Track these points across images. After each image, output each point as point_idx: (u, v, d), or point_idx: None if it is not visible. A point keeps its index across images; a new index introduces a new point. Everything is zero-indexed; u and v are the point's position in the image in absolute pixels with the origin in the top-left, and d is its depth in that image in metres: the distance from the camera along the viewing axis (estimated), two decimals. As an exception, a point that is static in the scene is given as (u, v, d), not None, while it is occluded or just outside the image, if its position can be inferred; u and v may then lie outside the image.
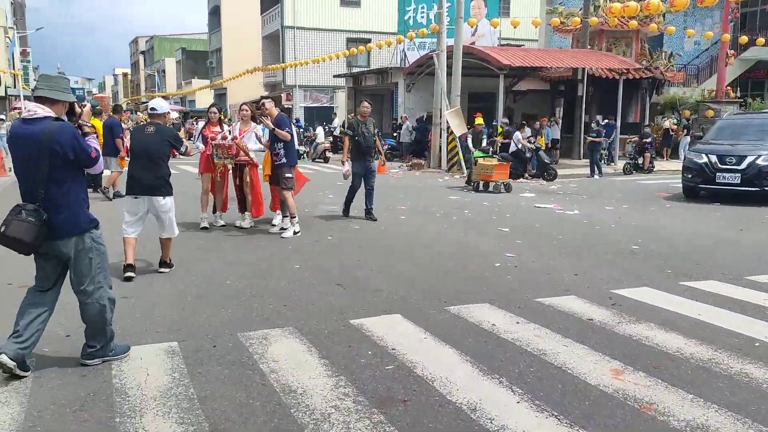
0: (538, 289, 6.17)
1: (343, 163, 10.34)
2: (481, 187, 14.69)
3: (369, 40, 29.60)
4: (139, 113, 43.62)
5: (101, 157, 4.08)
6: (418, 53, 27.39)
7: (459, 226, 9.80)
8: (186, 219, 9.73)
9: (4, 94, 36.91)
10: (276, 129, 8.24)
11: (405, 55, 28.42)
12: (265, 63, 40.15)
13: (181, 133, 8.54)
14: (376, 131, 10.02)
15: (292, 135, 8.39)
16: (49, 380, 3.93)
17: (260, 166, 9.27)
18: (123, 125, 14.47)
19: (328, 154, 24.57)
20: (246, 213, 9.25)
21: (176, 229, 6.70)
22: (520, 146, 17.01)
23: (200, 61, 59.69)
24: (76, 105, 4.20)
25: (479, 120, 15.58)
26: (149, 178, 6.34)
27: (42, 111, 3.82)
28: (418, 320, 5.13)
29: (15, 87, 39.96)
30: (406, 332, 4.86)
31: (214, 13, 52.00)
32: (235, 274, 6.53)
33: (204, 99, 51.47)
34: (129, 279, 6.23)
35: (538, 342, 4.66)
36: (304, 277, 6.46)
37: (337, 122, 30.68)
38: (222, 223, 9.34)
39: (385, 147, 24.47)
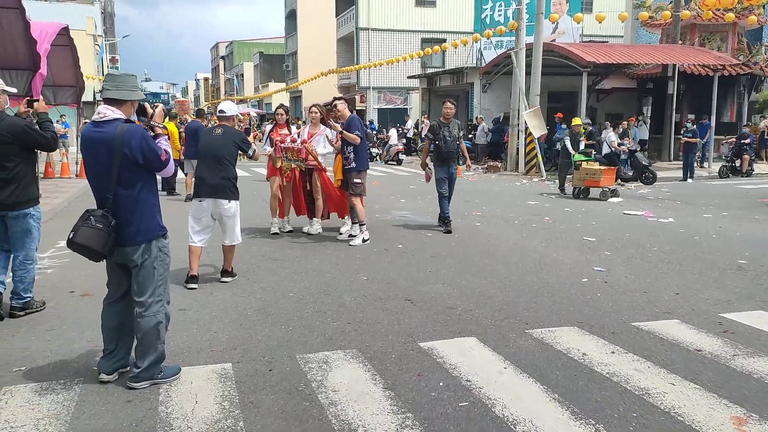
0: (634, 310, 5.46)
1: (423, 167, 9.70)
2: (578, 193, 13.60)
3: (444, 40, 28.98)
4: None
5: (171, 160, 3.86)
6: (495, 52, 26.58)
7: (539, 234, 9.10)
8: (255, 224, 9.52)
9: (92, 100, 38.40)
10: (344, 132, 7.84)
11: (481, 54, 27.64)
12: (339, 65, 40.21)
13: (250, 138, 8.27)
14: (460, 134, 9.17)
15: (362, 138, 7.95)
16: (92, 405, 3.61)
17: (330, 171, 8.90)
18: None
19: (401, 156, 24.14)
20: (314, 219, 8.90)
21: (239, 236, 6.40)
22: (613, 148, 15.68)
23: (277, 64, 60.65)
24: (147, 105, 3.99)
25: (577, 120, 14.27)
26: (215, 179, 6.09)
27: (111, 113, 3.66)
28: (496, 345, 4.56)
29: (99, 94, 41.67)
30: (482, 360, 4.30)
31: (291, 17, 52.67)
32: (298, 286, 6.14)
33: (280, 102, 52.20)
34: (191, 288, 5.96)
35: (638, 378, 3.99)
36: (371, 291, 5.99)
37: (410, 124, 30.22)
38: (290, 228, 9.03)
39: (460, 149, 23.88)
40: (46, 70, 12.34)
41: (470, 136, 24.71)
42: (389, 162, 24.27)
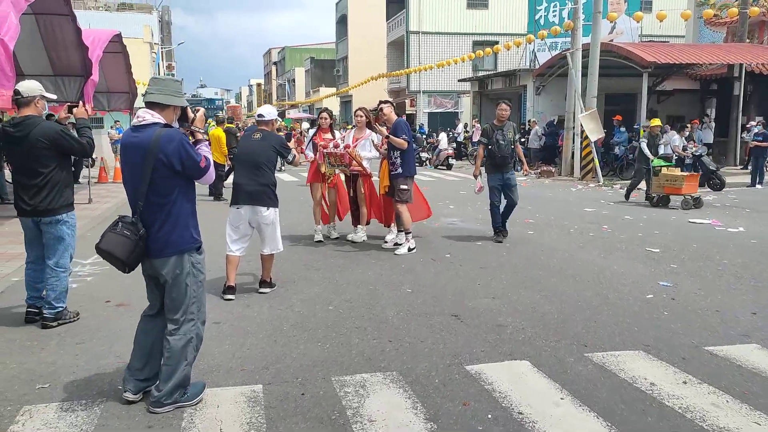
0: (707, 332, 4.92)
1: (475, 177, 8.96)
2: (657, 202, 12.70)
3: (496, 43, 28.35)
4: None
5: (212, 167, 3.63)
6: (550, 54, 25.83)
7: (597, 244, 8.54)
8: (300, 231, 9.28)
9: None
10: (390, 136, 7.50)
11: (535, 56, 26.93)
12: (389, 69, 39.98)
13: (291, 143, 8.04)
14: (516, 137, 8.52)
15: (409, 143, 7.60)
16: (112, 430, 3.37)
17: (377, 177, 8.58)
18: None
19: (451, 161, 23.67)
20: (359, 226, 8.59)
21: (280, 245, 6.13)
22: (677, 153, 14.79)
23: (328, 69, 60.86)
24: (189, 110, 3.76)
25: (656, 121, 13.13)
26: (252, 185, 5.85)
27: (150, 117, 3.48)
28: (551, 371, 4.12)
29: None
30: (536, 388, 3.87)
31: (342, 22, 52.80)
32: (339, 299, 5.83)
33: (330, 106, 52.32)
34: (228, 299, 5.72)
35: (717, 415, 3.50)
36: (416, 305, 5.62)
37: (460, 128, 29.69)
38: (336, 235, 8.77)
39: (512, 153, 23.25)
40: (98, 76, 12.47)
41: (522, 140, 24.06)
42: (439, 167, 23.85)
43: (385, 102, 7.99)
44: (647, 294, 6.01)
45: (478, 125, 27.72)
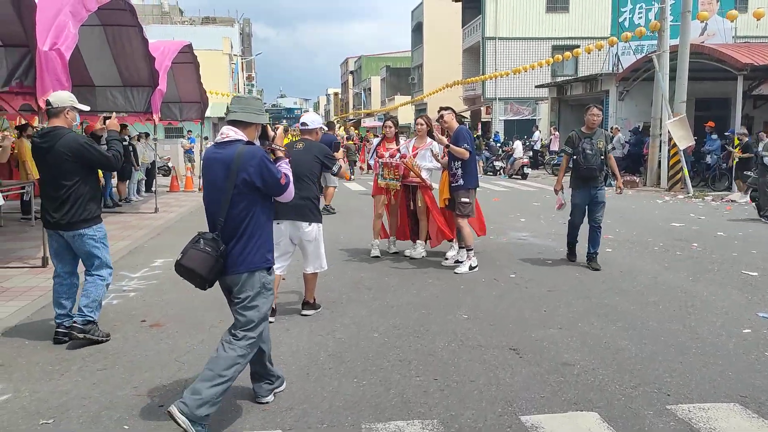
0: (822, 382, 4.07)
1: (556, 192, 7.92)
2: None
3: (577, 47, 27.18)
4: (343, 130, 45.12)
5: (291, 185, 3.65)
6: (634, 57, 24.45)
7: (685, 266, 7.63)
8: (356, 244, 8.84)
9: (224, 115, 40.26)
10: (451, 146, 6.94)
11: (618, 59, 25.52)
12: (465, 76, 39.25)
13: (339, 154, 7.58)
14: (608, 147, 7.46)
15: (471, 153, 7.00)
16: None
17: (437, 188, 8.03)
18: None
19: (527, 170, 22.72)
20: (418, 242, 8.05)
21: (324, 263, 5.68)
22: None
23: (403, 77, 60.75)
24: (269, 128, 3.87)
25: None
26: (293, 199, 5.40)
27: (234, 134, 3.52)
28: (625, 427, 3.44)
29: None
30: (605, 451, 3.20)
31: (417, 30, 52.53)
32: (386, 324, 5.30)
33: (405, 115, 52.05)
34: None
35: (842, 503, 2.73)
36: (470, 334, 5.02)
37: (537, 135, 28.57)
38: (394, 250, 8.27)
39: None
40: (165, 86, 12.53)
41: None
42: (513, 176, 22.95)
43: (446, 108, 7.42)
44: (744, 328, 5.16)
45: (556, 133, 26.59)
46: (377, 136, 10.36)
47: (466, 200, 7.03)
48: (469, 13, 39.67)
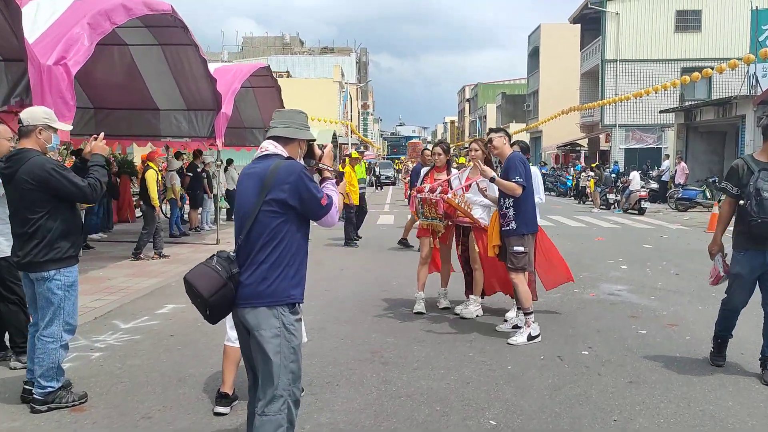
0: None
1: (711, 255, 4.99)
2: None
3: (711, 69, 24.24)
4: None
5: (334, 209, 3.06)
6: (777, 78, 21.28)
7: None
8: (400, 294, 7.37)
9: (331, 142, 40.24)
10: (496, 179, 5.37)
11: (756, 80, 22.34)
12: (582, 102, 36.68)
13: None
14: None
15: (527, 188, 5.37)
16: None
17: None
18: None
19: (645, 204, 20.10)
20: (471, 297, 6.46)
21: (305, 335, 4.36)
22: None
23: (519, 105, 58.81)
24: (316, 146, 3.23)
25: None
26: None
27: (273, 148, 3.06)
28: None
29: (345, 136, 43.77)
30: None
31: (534, 55, 50.42)
32: (380, 428, 3.81)
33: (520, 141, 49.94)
34: (218, 414, 3.98)
35: None
36: (490, 458, 3.41)
37: (667, 164, 25.51)
38: (446, 304, 6.73)
39: (724, 196, 19.13)
40: (230, 110, 11.80)
41: (738, 181, 19.82)
42: (629, 210, 20.41)
43: (497, 131, 5.84)
44: None
45: (683, 164, 23.62)
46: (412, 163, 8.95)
47: (520, 249, 5.36)
48: (589, 35, 37.25)
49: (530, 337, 5.45)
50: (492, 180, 5.42)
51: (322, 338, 5.54)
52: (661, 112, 28.24)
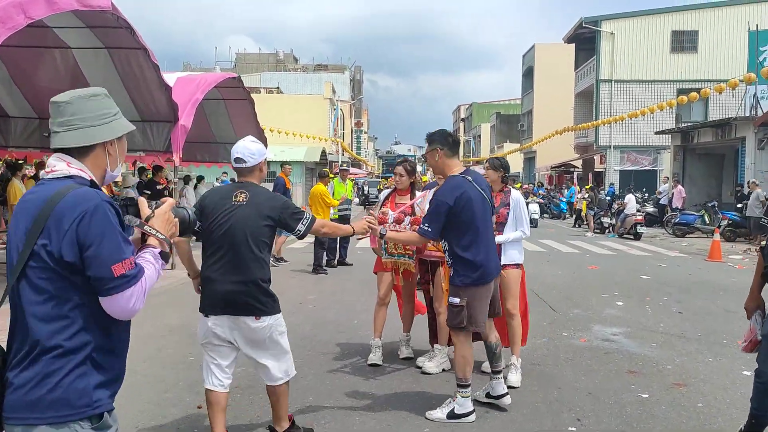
0: None
1: (749, 312, 3.82)
2: None
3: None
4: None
5: (138, 289, 1.84)
6: (778, 99, 20.48)
7: None
8: (356, 338, 6.26)
9: (319, 159, 38.97)
10: (387, 233, 4.30)
11: (756, 101, 21.53)
12: (576, 122, 35.88)
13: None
14: None
15: (455, 230, 4.09)
16: None
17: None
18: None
19: (641, 229, 19.09)
20: (437, 347, 5.36)
21: (293, 366, 3.69)
22: None
23: (513, 124, 58.32)
24: (143, 201, 2.10)
25: None
26: (225, 283, 3.44)
27: (64, 167, 1.92)
28: None
29: (336, 154, 42.82)
30: None
31: (528, 75, 49.80)
32: None
33: (513, 162, 49.09)
34: None
35: None
36: None
37: (665, 187, 24.49)
38: (408, 353, 5.62)
39: (724, 222, 18.17)
40: (190, 122, 10.76)
41: (739, 206, 18.91)
42: (624, 235, 19.40)
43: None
44: None
45: (679, 186, 22.65)
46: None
47: (455, 302, 4.10)
48: (583, 54, 36.58)
49: (453, 415, 4.19)
50: (381, 237, 4.29)
51: (244, 402, 4.44)
52: (657, 133, 27.43)
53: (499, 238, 4.74)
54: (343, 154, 47.54)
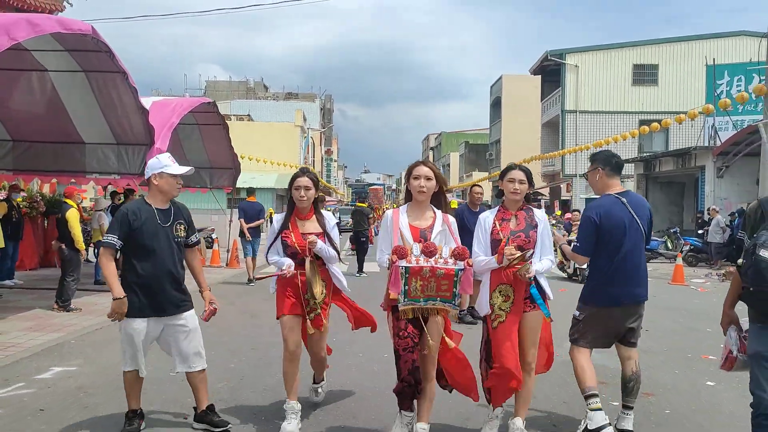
0: None
1: (724, 329, 3.69)
2: None
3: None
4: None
5: None
6: (735, 130, 21.35)
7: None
8: (260, 401, 5.21)
9: (280, 186, 39.17)
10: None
11: (715, 131, 22.44)
12: (543, 151, 36.75)
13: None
14: None
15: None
16: None
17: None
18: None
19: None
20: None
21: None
22: None
23: (481, 153, 59.30)
24: None
25: None
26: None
27: None
28: None
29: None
30: None
31: (496, 105, 50.86)
32: None
33: (483, 191, 49.89)
34: None
35: None
36: None
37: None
38: (319, 398, 4.88)
39: (686, 247, 18.75)
40: (166, 145, 10.83)
41: (700, 232, 19.56)
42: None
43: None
44: None
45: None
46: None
47: (575, 314, 4.62)
48: (549, 86, 37.66)
49: (586, 432, 4.13)
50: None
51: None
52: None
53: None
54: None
